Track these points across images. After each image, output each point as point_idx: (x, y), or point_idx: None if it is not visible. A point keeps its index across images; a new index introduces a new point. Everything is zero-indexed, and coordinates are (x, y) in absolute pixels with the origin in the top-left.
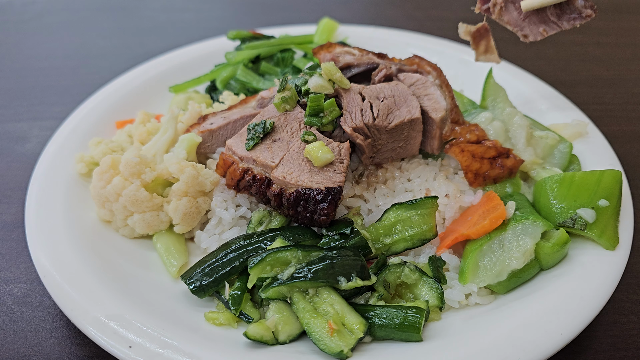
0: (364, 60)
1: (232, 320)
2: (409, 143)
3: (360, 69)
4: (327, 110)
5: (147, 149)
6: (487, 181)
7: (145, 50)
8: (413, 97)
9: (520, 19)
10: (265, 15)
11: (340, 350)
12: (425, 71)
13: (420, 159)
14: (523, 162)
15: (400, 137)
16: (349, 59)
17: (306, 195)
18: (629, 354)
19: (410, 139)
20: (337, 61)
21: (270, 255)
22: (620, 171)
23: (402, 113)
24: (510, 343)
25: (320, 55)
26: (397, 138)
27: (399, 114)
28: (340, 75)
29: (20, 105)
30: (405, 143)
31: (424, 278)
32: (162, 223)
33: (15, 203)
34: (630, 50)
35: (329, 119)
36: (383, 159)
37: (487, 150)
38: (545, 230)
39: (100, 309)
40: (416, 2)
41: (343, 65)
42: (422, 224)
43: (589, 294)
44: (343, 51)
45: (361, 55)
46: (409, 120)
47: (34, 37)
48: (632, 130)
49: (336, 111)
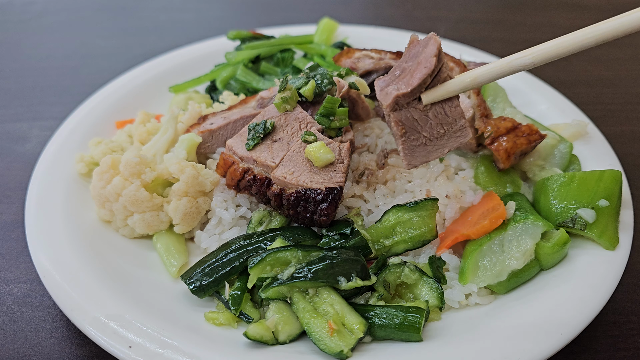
0: (381, 65)
1: (232, 320)
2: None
3: (379, 74)
4: (338, 116)
5: (147, 149)
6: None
7: (145, 50)
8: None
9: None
10: (265, 15)
11: (340, 350)
12: (449, 67)
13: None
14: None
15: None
16: (367, 64)
17: (306, 196)
18: (629, 354)
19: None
20: (357, 68)
21: (270, 255)
22: (620, 171)
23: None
24: (510, 343)
25: (341, 62)
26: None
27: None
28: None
29: (20, 105)
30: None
31: (424, 278)
32: (162, 223)
33: (15, 203)
34: (630, 50)
35: (337, 124)
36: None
37: (530, 133)
38: (546, 230)
39: (100, 309)
40: (416, 2)
41: (362, 73)
42: (422, 225)
43: (589, 294)
44: (362, 55)
45: (379, 58)
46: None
47: (34, 37)
48: (632, 130)
49: (345, 121)
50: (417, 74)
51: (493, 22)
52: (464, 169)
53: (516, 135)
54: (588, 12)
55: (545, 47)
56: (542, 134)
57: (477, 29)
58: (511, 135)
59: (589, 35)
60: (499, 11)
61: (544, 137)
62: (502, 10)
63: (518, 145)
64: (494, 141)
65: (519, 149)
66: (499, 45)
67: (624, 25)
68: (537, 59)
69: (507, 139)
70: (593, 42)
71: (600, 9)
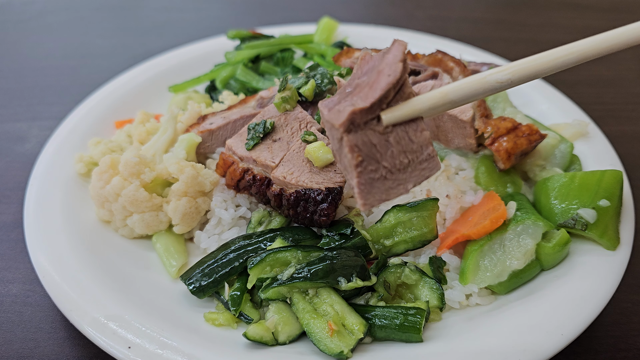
0: None
1: (232, 320)
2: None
3: None
4: None
5: (147, 149)
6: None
7: (145, 50)
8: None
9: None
10: (265, 15)
11: (340, 351)
12: (448, 67)
13: None
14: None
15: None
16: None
17: (306, 196)
18: (630, 354)
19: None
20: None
21: (270, 255)
22: (621, 171)
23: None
24: (511, 344)
25: (341, 62)
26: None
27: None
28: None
29: (19, 105)
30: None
31: (424, 278)
32: (161, 223)
33: (14, 203)
34: (631, 50)
35: None
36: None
37: (531, 133)
38: (546, 230)
39: (100, 309)
40: (417, 2)
41: None
42: (422, 226)
43: (589, 294)
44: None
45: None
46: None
47: (34, 37)
48: (633, 130)
49: None
50: (379, 84)
51: (494, 21)
52: (465, 169)
53: (516, 136)
54: (589, 12)
55: (525, 63)
56: (542, 134)
57: (478, 28)
58: (511, 135)
59: (574, 50)
60: (499, 10)
61: (544, 137)
62: (503, 10)
63: (518, 145)
64: (494, 142)
65: (519, 149)
66: (499, 45)
67: (615, 40)
68: (515, 76)
69: (507, 140)
70: (575, 59)
71: (601, 9)
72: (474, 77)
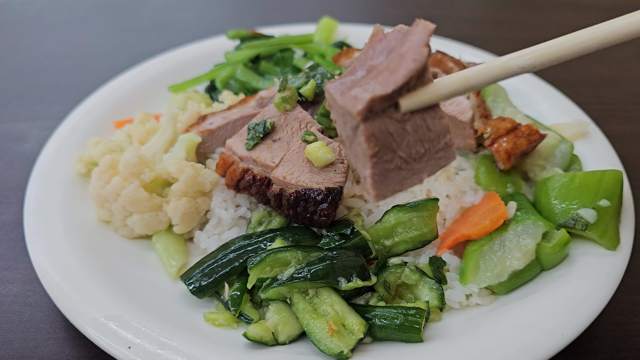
0: None
1: (232, 321)
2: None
3: None
4: None
5: (146, 149)
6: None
7: (145, 50)
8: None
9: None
10: (265, 15)
11: (340, 351)
12: (448, 67)
13: None
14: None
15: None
16: None
17: (306, 196)
18: (630, 354)
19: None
20: None
21: (270, 255)
22: (622, 171)
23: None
24: (511, 344)
25: (341, 62)
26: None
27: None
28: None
29: (19, 105)
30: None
31: (424, 279)
32: (161, 223)
33: (14, 203)
34: (632, 50)
35: None
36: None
37: (530, 134)
38: (546, 230)
39: (99, 309)
40: (417, 2)
41: None
42: (422, 226)
43: (590, 294)
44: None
45: None
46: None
47: (33, 37)
48: (634, 130)
49: None
50: (401, 69)
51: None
52: (465, 169)
53: (516, 136)
54: (589, 12)
55: (547, 47)
56: (542, 134)
57: (478, 28)
58: (511, 135)
59: (597, 35)
60: (499, 10)
61: (544, 136)
62: (503, 10)
63: (518, 145)
64: (494, 142)
65: (519, 150)
66: (499, 45)
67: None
68: (537, 61)
69: (507, 140)
70: (597, 44)
71: (601, 9)
72: (496, 62)
